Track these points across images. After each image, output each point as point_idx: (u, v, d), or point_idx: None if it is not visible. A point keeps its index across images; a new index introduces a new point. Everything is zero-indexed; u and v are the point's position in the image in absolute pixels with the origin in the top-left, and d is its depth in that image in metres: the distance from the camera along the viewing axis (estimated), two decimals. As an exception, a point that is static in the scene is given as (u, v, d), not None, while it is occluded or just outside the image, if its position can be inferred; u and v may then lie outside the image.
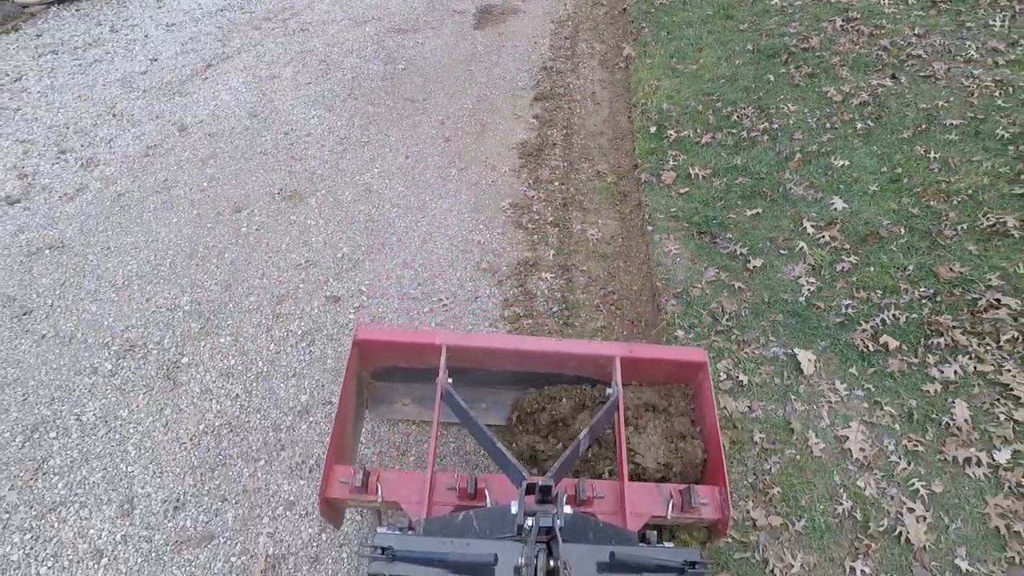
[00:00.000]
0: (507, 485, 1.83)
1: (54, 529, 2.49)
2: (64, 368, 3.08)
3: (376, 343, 2.16)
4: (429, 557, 1.42)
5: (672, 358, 2.19)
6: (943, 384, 2.65)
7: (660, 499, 1.87)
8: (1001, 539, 2.23)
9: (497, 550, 1.39)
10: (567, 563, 1.34)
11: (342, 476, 1.88)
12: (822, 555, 2.27)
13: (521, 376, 2.28)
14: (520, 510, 1.50)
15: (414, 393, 2.45)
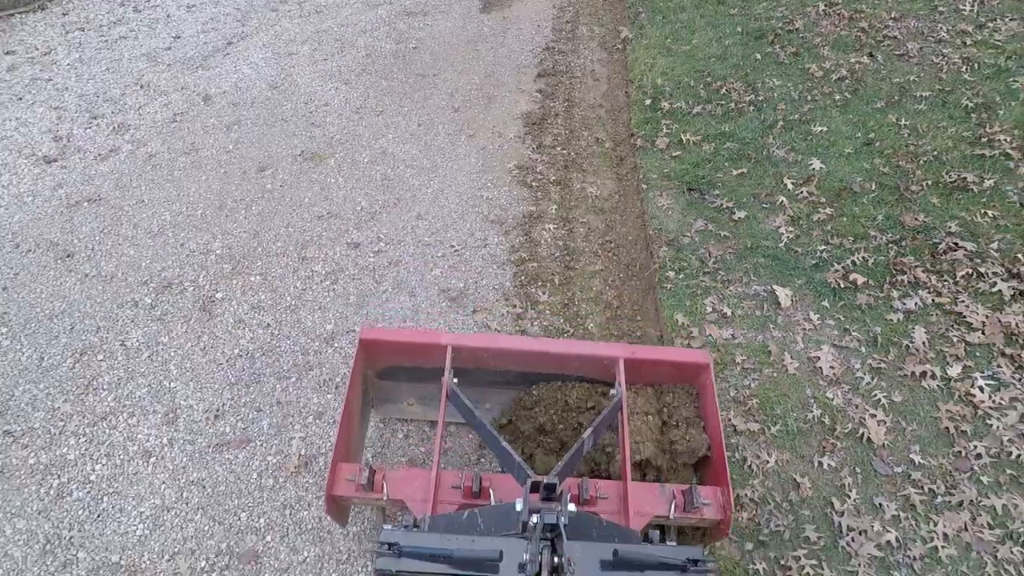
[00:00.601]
0: (511, 484, 1.84)
1: (106, 434, 2.74)
2: (107, 302, 3.32)
3: (382, 343, 2.16)
4: (435, 553, 1.43)
5: (675, 359, 2.19)
6: (904, 314, 2.93)
7: (663, 499, 1.88)
8: (950, 437, 2.50)
9: (502, 547, 1.40)
10: (571, 560, 1.36)
11: (348, 474, 1.88)
12: (794, 453, 2.53)
13: (525, 376, 2.28)
14: (525, 507, 1.51)
15: (419, 393, 2.45)
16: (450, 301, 3.26)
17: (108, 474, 2.60)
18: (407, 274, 3.42)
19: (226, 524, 2.43)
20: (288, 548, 2.36)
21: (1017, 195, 3.36)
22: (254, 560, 2.34)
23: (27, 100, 4.99)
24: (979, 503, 2.31)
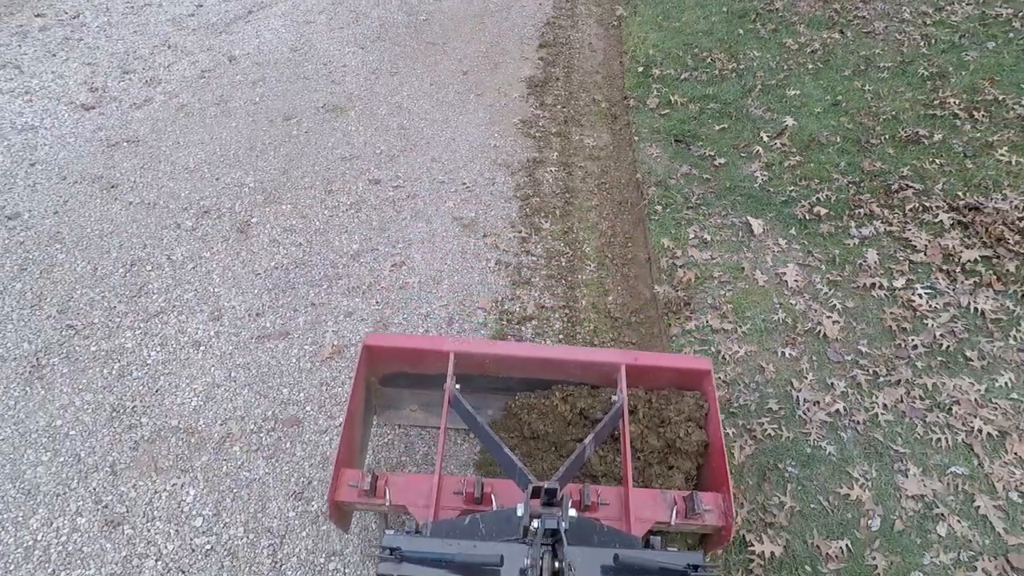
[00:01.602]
0: (513, 490, 1.82)
1: (158, 328, 3.04)
2: (152, 225, 3.61)
3: (385, 349, 2.15)
4: (436, 558, 1.42)
5: (677, 366, 2.18)
6: (860, 239, 3.32)
7: (664, 505, 1.87)
8: (892, 334, 2.88)
9: (503, 552, 1.39)
10: (572, 565, 1.34)
11: (351, 480, 1.88)
12: (760, 346, 2.90)
13: (527, 383, 2.27)
14: (526, 512, 1.50)
15: (421, 399, 2.44)
16: (462, 227, 3.60)
17: (163, 359, 2.91)
18: (423, 205, 3.75)
19: (270, 397, 2.76)
20: (325, 415, 2.69)
21: (962, 147, 3.77)
22: (296, 424, 2.66)
23: (60, 57, 5.25)
24: (913, 382, 2.70)
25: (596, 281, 3.37)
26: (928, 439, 2.53)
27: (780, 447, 2.55)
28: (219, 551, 2.29)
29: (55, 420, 2.66)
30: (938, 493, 2.38)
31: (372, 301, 3.18)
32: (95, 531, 2.33)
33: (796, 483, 2.44)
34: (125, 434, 2.62)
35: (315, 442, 2.60)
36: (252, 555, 2.27)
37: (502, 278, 3.33)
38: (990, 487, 2.38)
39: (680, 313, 3.09)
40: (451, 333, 3.05)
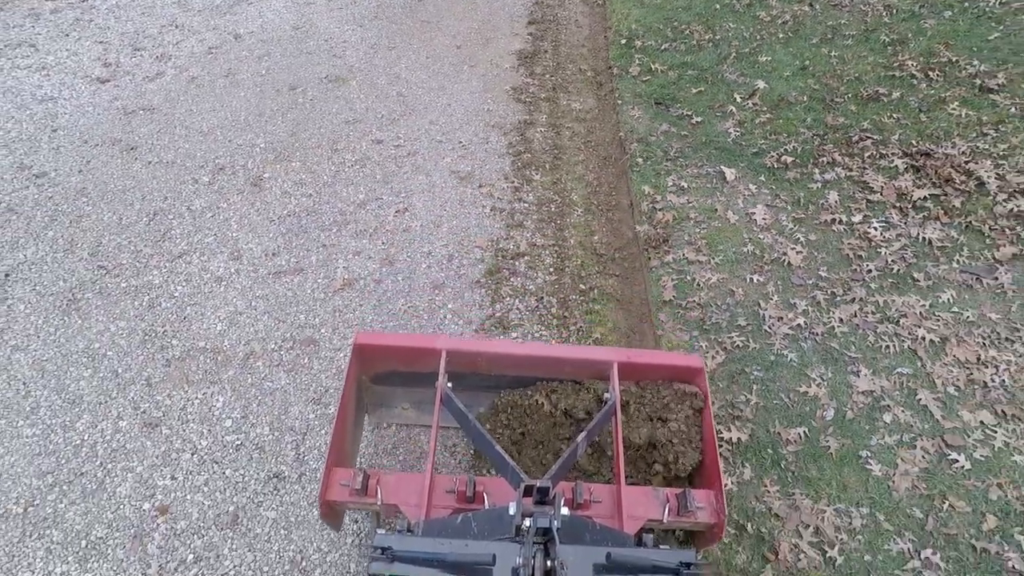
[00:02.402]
0: (505, 488, 1.81)
1: (183, 267, 3.27)
2: (171, 180, 3.84)
3: (376, 347, 2.12)
4: (428, 557, 1.40)
5: (669, 363, 2.16)
6: (823, 183, 3.60)
7: (656, 502, 1.85)
8: (849, 261, 3.16)
9: (495, 551, 1.37)
10: (564, 564, 1.33)
11: (342, 479, 1.85)
12: (731, 274, 3.17)
13: (520, 380, 2.23)
14: (518, 511, 1.48)
15: (413, 397, 2.41)
16: (460, 180, 3.85)
17: (189, 292, 3.14)
18: (423, 161, 4.00)
19: (288, 322, 3.00)
20: (339, 337, 2.94)
21: (917, 103, 4.05)
22: (313, 344, 2.90)
23: (74, 36, 5.44)
24: (867, 300, 2.98)
25: (583, 223, 3.63)
26: (878, 346, 2.81)
27: (747, 355, 2.82)
28: (248, 446, 2.53)
29: (93, 343, 2.90)
30: (885, 389, 2.65)
31: (378, 242, 3.43)
32: (135, 431, 2.57)
33: (760, 384, 2.71)
34: (158, 354, 2.86)
35: (330, 358, 2.85)
36: (277, 449, 2.52)
37: (497, 222, 3.58)
38: (931, 383, 2.66)
39: (659, 248, 3.35)
40: (451, 267, 3.31)
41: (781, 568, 2.17)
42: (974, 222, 3.26)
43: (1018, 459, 2.39)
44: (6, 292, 3.14)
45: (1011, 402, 2.57)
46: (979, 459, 2.41)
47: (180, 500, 2.37)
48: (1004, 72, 4.10)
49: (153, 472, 2.45)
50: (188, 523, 2.31)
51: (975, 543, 2.19)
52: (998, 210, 3.29)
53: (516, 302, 3.14)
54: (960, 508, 2.28)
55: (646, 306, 3.14)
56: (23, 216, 3.57)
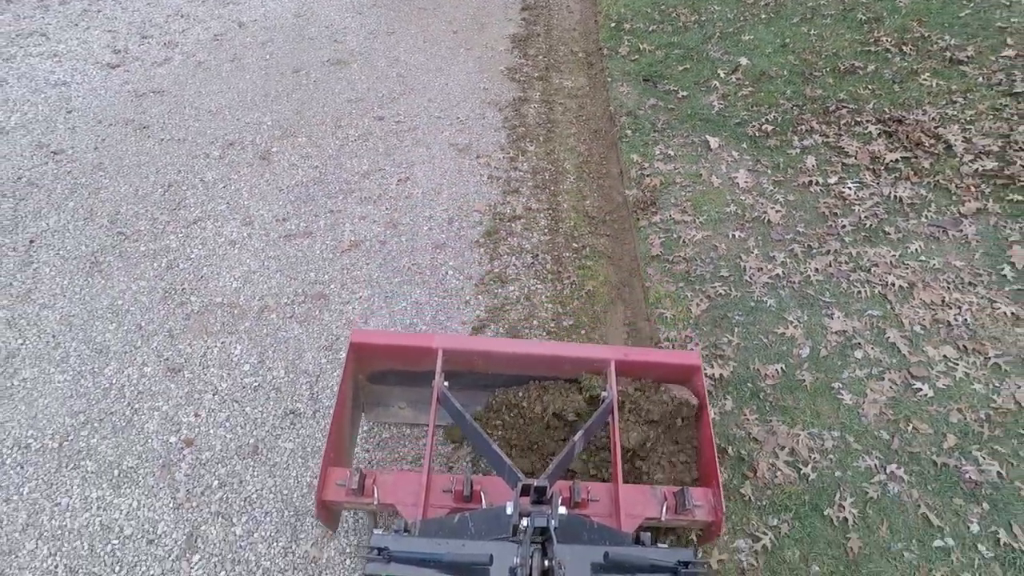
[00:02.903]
0: (502, 487, 1.79)
1: (198, 232, 3.43)
2: (183, 155, 3.99)
3: (372, 346, 2.09)
4: (425, 558, 1.39)
5: (666, 361, 2.13)
6: (801, 149, 3.77)
7: (654, 501, 1.83)
8: (825, 218, 3.34)
9: (493, 550, 1.36)
10: (562, 563, 1.31)
11: (338, 479, 1.83)
12: (715, 231, 3.34)
13: (517, 379, 2.20)
14: (515, 511, 1.46)
15: (410, 396, 2.38)
16: (458, 151, 4.01)
17: (204, 254, 3.30)
18: (423, 135, 4.16)
19: (299, 279, 3.16)
20: (347, 291, 3.10)
21: (891, 75, 4.23)
22: (323, 298, 3.07)
23: (82, 26, 5.58)
24: (841, 251, 3.15)
25: (575, 190, 3.80)
26: (851, 292, 2.98)
27: (729, 302, 2.99)
28: (265, 387, 2.69)
29: (116, 300, 3.05)
30: (857, 329, 2.83)
31: (382, 208, 3.59)
32: (160, 376, 2.72)
33: (742, 327, 2.88)
34: (178, 309, 3.01)
35: (340, 310, 3.01)
36: (293, 389, 2.68)
37: (494, 188, 3.75)
38: (899, 323, 2.84)
39: (647, 210, 3.52)
40: (452, 229, 3.47)
41: (759, 484, 2.35)
42: (942, 181, 3.44)
43: (977, 387, 2.57)
44: (32, 256, 3.29)
45: (972, 338, 2.75)
46: (941, 388, 2.59)
47: (204, 434, 2.53)
48: (973, 45, 4.29)
49: (178, 410, 2.61)
50: (212, 454, 2.47)
51: (936, 459, 2.37)
52: (964, 170, 3.48)
53: (513, 259, 3.31)
54: (923, 430, 2.46)
55: (635, 262, 3.31)
56: (44, 189, 3.72)
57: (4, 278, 3.17)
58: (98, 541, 2.23)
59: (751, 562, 2.15)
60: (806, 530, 2.22)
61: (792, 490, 2.32)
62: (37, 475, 2.40)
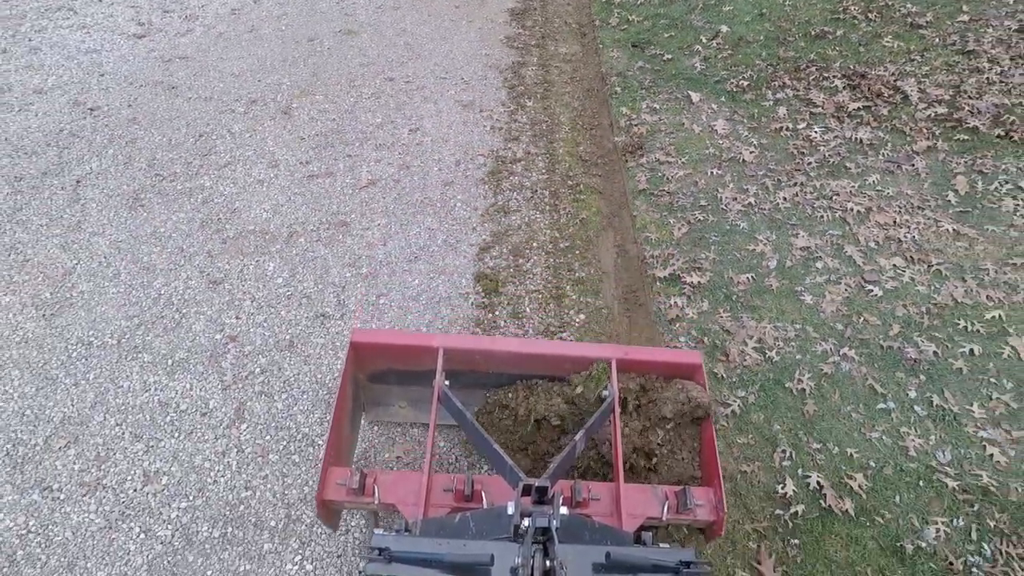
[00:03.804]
0: (503, 487, 1.77)
1: (229, 174, 3.71)
2: (211, 111, 4.27)
3: (373, 346, 2.06)
4: (426, 558, 1.36)
5: (667, 360, 2.08)
6: (774, 101, 4.09)
7: (655, 500, 1.80)
8: (793, 156, 3.66)
9: (494, 550, 1.33)
10: (563, 563, 1.29)
11: (339, 478, 1.80)
12: (695, 170, 3.66)
13: (517, 378, 2.17)
14: (516, 511, 1.43)
15: (410, 395, 2.33)
16: (463, 107, 4.31)
17: (236, 191, 3.58)
18: (430, 93, 4.45)
19: (323, 210, 3.45)
20: (366, 220, 3.39)
21: (857, 39, 4.56)
22: (345, 226, 3.36)
23: (107, 1, 5.84)
24: (806, 184, 3.47)
25: (570, 138, 4.11)
26: (814, 216, 3.30)
27: (707, 226, 3.30)
28: (297, 295, 2.98)
29: (159, 229, 3.33)
30: (818, 246, 3.15)
31: (395, 153, 3.88)
32: (203, 287, 3.01)
33: (717, 245, 3.19)
34: (215, 235, 3.30)
35: (361, 235, 3.30)
36: (322, 297, 2.98)
37: (496, 137, 4.05)
38: (856, 240, 3.16)
39: (635, 153, 3.83)
40: (459, 170, 3.77)
41: (731, 365, 2.66)
42: (898, 125, 3.77)
43: (920, 288, 2.89)
44: (79, 194, 3.57)
45: (918, 251, 3.07)
46: (890, 289, 2.91)
47: (245, 332, 2.82)
48: (932, 12, 4.62)
49: (221, 314, 2.90)
50: (253, 347, 2.76)
51: (882, 343, 2.69)
52: (918, 115, 3.80)
53: (514, 194, 3.61)
54: (872, 321, 2.78)
55: (624, 196, 3.62)
56: (84, 139, 3.99)
57: (55, 212, 3.45)
58: (158, 414, 2.52)
59: (723, 424, 2.46)
60: (769, 399, 2.54)
61: (758, 369, 2.64)
62: (100, 365, 2.69)
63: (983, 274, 2.94)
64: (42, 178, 3.69)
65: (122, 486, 2.31)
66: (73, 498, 2.28)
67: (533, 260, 3.23)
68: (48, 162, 3.80)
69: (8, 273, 3.10)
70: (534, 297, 3.04)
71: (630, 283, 3.15)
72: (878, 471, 2.28)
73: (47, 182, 3.66)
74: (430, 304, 2.99)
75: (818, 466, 2.31)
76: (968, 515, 2.16)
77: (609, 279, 3.17)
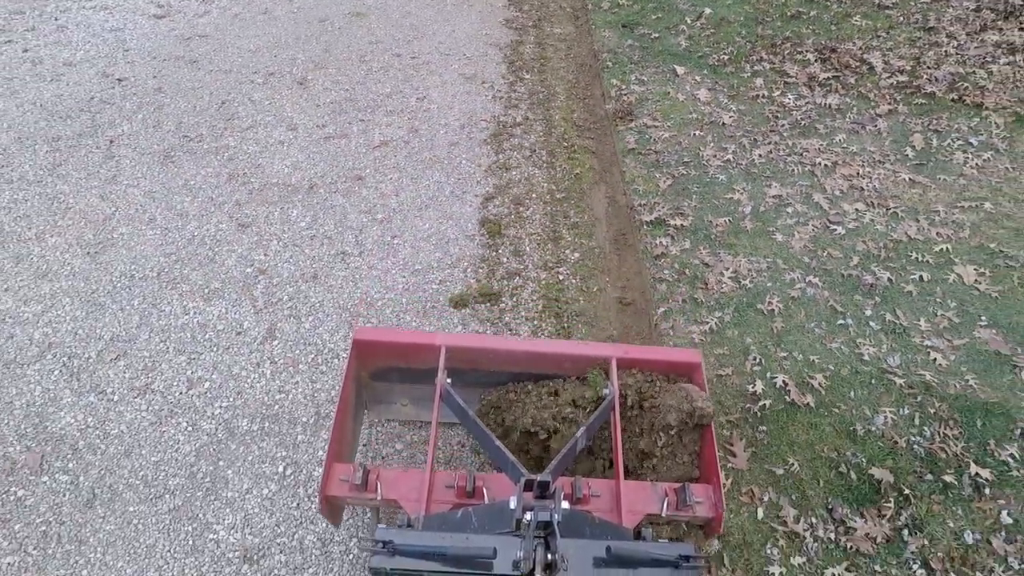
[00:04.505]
0: (505, 483, 1.77)
1: (251, 135, 3.95)
2: (231, 82, 4.51)
3: (375, 344, 2.06)
4: (429, 551, 1.37)
5: (666, 359, 2.08)
6: (752, 73, 4.39)
7: (655, 497, 1.81)
8: (768, 119, 3.95)
9: (496, 544, 1.34)
10: (564, 557, 1.30)
11: (342, 474, 1.80)
12: (679, 132, 3.93)
13: (518, 376, 2.17)
14: (518, 505, 1.44)
15: (413, 394, 2.33)
16: (466, 79, 4.57)
17: (259, 150, 3.83)
18: (435, 67, 4.72)
19: (339, 166, 3.70)
20: (380, 175, 3.65)
21: (829, 19, 4.87)
22: (360, 179, 3.61)
23: (126, -13, 6.08)
24: (780, 143, 3.76)
25: (565, 106, 4.38)
26: (786, 169, 3.59)
27: (689, 179, 3.58)
28: (319, 237, 3.24)
29: (190, 181, 3.58)
30: (789, 194, 3.43)
31: (404, 118, 4.14)
32: (233, 229, 3.26)
33: (698, 195, 3.47)
34: (241, 186, 3.54)
35: (375, 187, 3.56)
36: (342, 238, 3.23)
37: (497, 105, 4.31)
38: (823, 189, 3.44)
39: (625, 119, 4.11)
40: (464, 133, 4.02)
41: (709, 292, 2.93)
42: (863, 92, 4.07)
43: (879, 227, 3.18)
44: (113, 152, 3.80)
45: (878, 197, 3.36)
46: (851, 228, 3.19)
47: (273, 266, 3.07)
48: (897, -5, 4.95)
49: (250, 251, 3.15)
50: (281, 279, 3.01)
51: (843, 272, 2.97)
52: (882, 84, 4.11)
53: (515, 153, 3.87)
54: (835, 255, 3.06)
55: (614, 155, 3.89)
56: (114, 106, 4.22)
57: (92, 167, 3.68)
58: (198, 333, 2.76)
59: (701, 339, 2.73)
60: (743, 318, 2.81)
61: (733, 295, 2.91)
62: (143, 293, 2.93)
63: (934, 215, 3.24)
64: (78, 139, 3.92)
65: (169, 390, 2.56)
66: (125, 400, 2.52)
67: (532, 208, 3.50)
68: (82, 125, 4.03)
69: (52, 218, 3.34)
70: (533, 239, 3.30)
71: (620, 227, 3.42)
72: (836, 373, 2.56)
73: (83, 142, 3.90)
74: (439, 244, 3.24)
75: (784, 370, 2.58)
76: (912, 405, 2.44)
77: (601, 224, 3.45)
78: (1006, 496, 2.18)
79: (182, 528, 2.16)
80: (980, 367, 2.56)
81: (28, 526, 2.16)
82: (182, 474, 2.30)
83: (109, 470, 2.30)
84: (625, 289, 3.07)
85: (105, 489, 2.25)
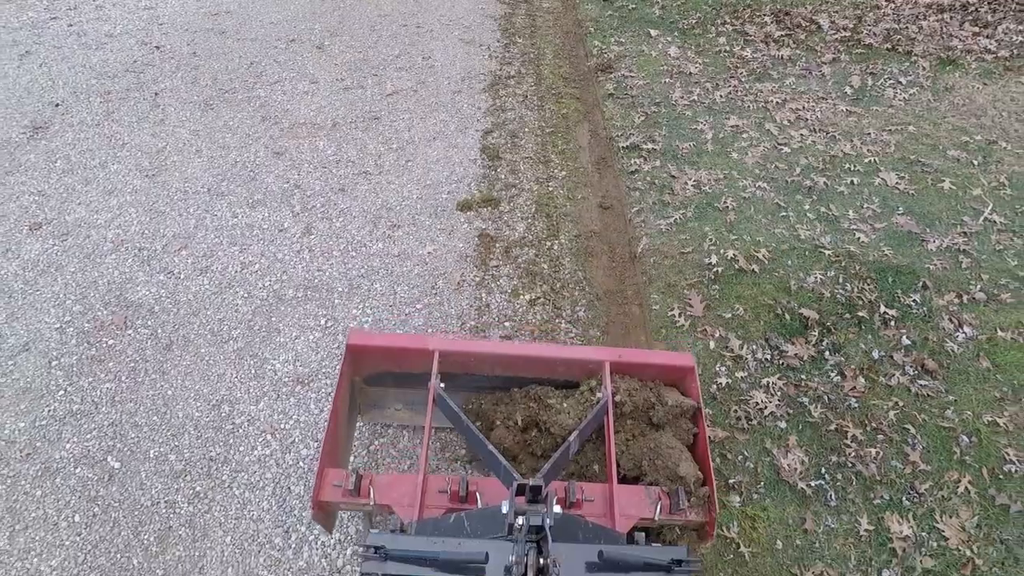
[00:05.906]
0: (498, 488, 1.75)
1: (279, 87, 4.43)
2: (256, 49, 4.98)
3: (369, 348, 2.04)
4: (421, 556, 1.35)
5: (660, 362, 2.07)
6: (716, 33, 4.92)
7: (648, 501, 1.78)
8: (729, 69, 4.46)
9: (488, 549, 1.33)
10: (556, 561, 1.28)
11: (335, 479, 1.78)
12: (652, 80, 4.43)
13: (512, 381, 2.13)
14: (511, 510, 1.42)
15: (406, 398, 2.30)
16: (465, 43, 5.07)
17: (286, 98, 4.30)
18: (438, 34, 5.22)
19: (357, 109, 4.18)
20: (393, 115, 4.13)
21: (785, -10, 5.42)
22: (376, 119, 4.09)
23: (154, -25, 6.56)
24: (737, 86, 4.28)
25: (553, 63, 4.88)
26: (743, 107, 4.09)
27: (660, 116, 4.08)
28: (343, 161, 3.71)
29: (229, 122, 4.04)
30: (745, 124, 3.93)
31: (412, 73, 4.63)
32: (268, 156, 3.73)
33: (667, 127, 3.97)
34: (274, 125, 4.01)
35: (390, 124, 4.04)
36: (363, 162, 3.71)
37: (493, 62, 4.81)
38: (773, 120, 3.95)
39: (605, 71, 4.61)
40: (464, 84, 4.51)
41: (675, 196, 3.41)
42: (811, 45, 4.60)
43: (819, 147, 3.69)
44: (159, 102, 4.26)
45: (820, 125, 3.87)
46: (796, 147, 3.70)
47: (306, 181, 3.54)
48: (845, -31, 5.50)
49: (286, 172, 3.61)
50: (313, 192, 3.48)
51: (787, 179, 3.47)
52: (828, 39, 4.64)
53: (509, 99, 4.37)
54: (781, 167, 3.56)
55: (596, 100, 4.39)
56: (155, 67, 4.69)
57: (142, 113, 4.14)
58: (246, 231, 3.22)
59: (667, 228, 3.21)
60: (702, 214, 3.30)
61: (695, 198, 3.40)
62: (197, 204, 3.39)
63: (866, 136, 3.75)
64: (126, 92, 4.38)
65: (226, 270, 3.01)
66: (190, 277, 2.98)
67: (526, 140, 3.99)
68: (128, 82, 4.50)
69: (112, 151, 3.79)
70: (527, 161, 3.79)
71: (601, 153, 3.91)
72: (777, 248, 3.05)
73: (131, 95, 4.36)
74: (447, 166, 3.72)
75: (735, 247, 3.06)
76: (838, 269, 2.92)
77: (584, 151, 3.94)
78: (907, 327, 2.67)
79: (245, 363, 2.62)
80: (895, 242, 3.06)
81: (119, 363, 2.61)
82: (242, 327, 2.76)
83: (182, 325, 2.76)
84: (605, 197, 3.56)
85: (180, 338, 2.71)
